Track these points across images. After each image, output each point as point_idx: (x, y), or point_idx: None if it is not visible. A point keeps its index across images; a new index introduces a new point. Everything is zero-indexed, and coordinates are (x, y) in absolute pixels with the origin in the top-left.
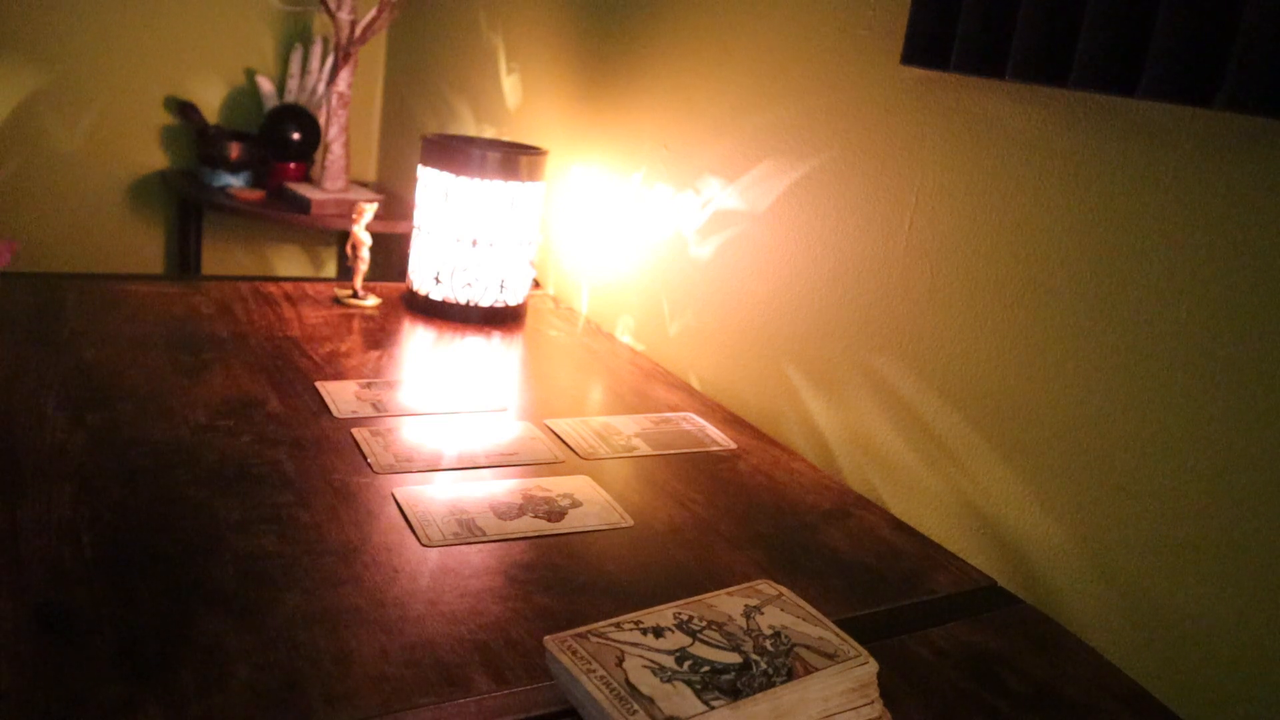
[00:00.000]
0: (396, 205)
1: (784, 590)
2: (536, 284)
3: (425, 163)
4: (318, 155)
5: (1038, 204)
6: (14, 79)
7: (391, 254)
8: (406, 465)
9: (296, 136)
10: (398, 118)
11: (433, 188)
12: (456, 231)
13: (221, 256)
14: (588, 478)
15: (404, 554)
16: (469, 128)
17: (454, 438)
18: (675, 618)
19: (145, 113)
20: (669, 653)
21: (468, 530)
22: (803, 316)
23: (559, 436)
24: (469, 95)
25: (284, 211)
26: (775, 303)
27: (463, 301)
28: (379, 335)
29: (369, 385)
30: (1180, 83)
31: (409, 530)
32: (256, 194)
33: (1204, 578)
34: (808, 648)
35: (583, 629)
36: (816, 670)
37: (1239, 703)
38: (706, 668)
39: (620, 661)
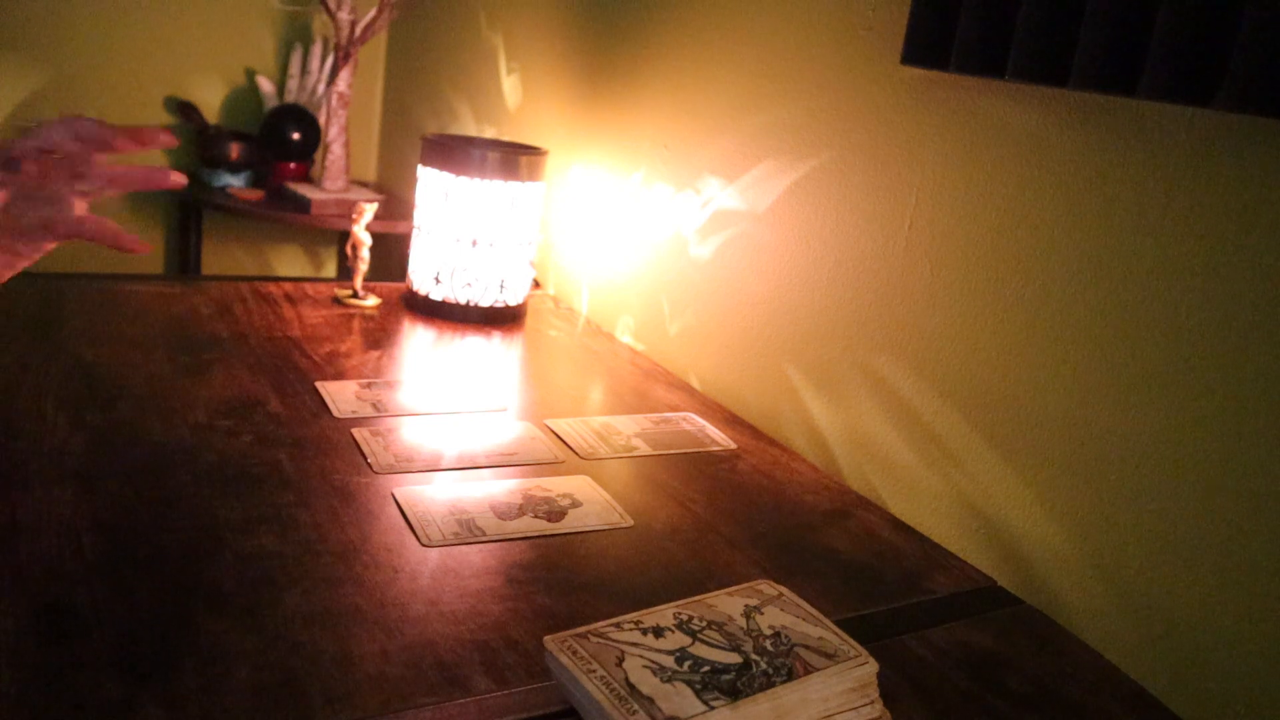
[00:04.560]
0: (396, 205)
1: (784, 590)
2: (536, 284)
3: (425, 163)
4: (318, 155)
5: (1038, 204)
6: (14, 79)
7: (391, 254)
8: (406, 465)
9: (296, 136)
10: (398, 118)
11: (433, 188)
12: (456, 231)
13: (221, 256)
14: (588, 478)
15: (404, 554)
16: (469, 128)
17: (454, 438)
18: (675, 618)
19: (145, 113)
20: (669, 653)
21: (468, 530)
22: (803, 316)
23: (559, 436)
24: (469, 95)
25: (284, 211)
26: (775, 302)
27: (463, 301)
28: (379, 335)
29: (369, 385)
30: (1180, 83)
31: (409, 530)
32: (256, 194)
33: (1204, 578)
34: (808, 648)
35: (583, 629)
36: (816, 670)
37: (1239, 703)
38: (706, 668)
39: (620, 661)
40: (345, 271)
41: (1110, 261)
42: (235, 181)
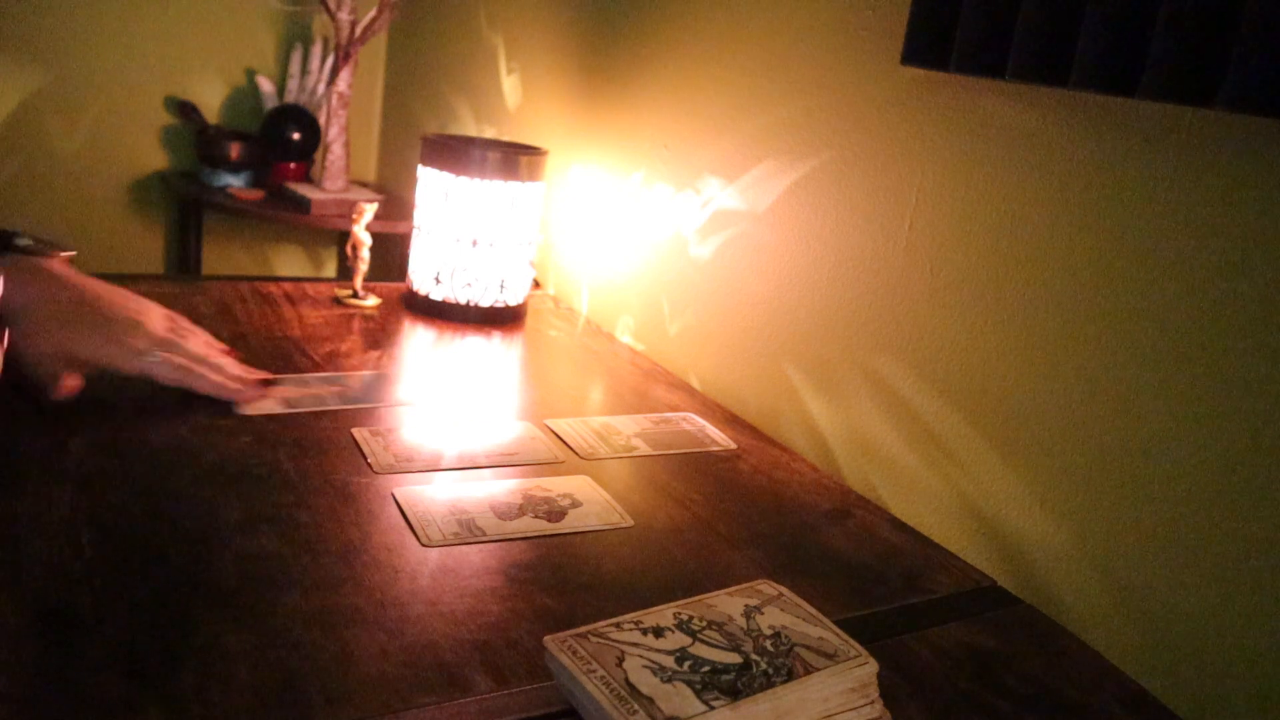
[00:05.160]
0: (396, 205)
1: (784, 590)
2: (536, 284)
3: (425, 163)
4: (318, 155)
5: (1037, 204)
6: (14, 79)
7: (391, 254)
8: (406, 465)
9: (296, 136)
10: (398, 118)
11: (433, 188)
12: (456, 231)
13: (221, 256)
14: (588, 478)
15: (404, 554)
16: (469, 128)
17: (454, 438)
18: (675, 618)
19: (145, 113)
20: (669, 653)
21: (468, 530)
22: (803, 316)
23: (559, 436)
24: (469, 95)
25: (284, 211)
26: (775, 303)
27: (463, 301)
28: (379, 335)
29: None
30: (1180, 83)
31: (409, 530)
32: (256, 194)
33: (1204, 578)
34: (808, 648)
35: (583, 629)
36: (816, 670)
37: (1239, 703)
38: (706, 668)
39: (620, 661)
40: (345, 271)
41: (1110, 261)
42: (235, 181)
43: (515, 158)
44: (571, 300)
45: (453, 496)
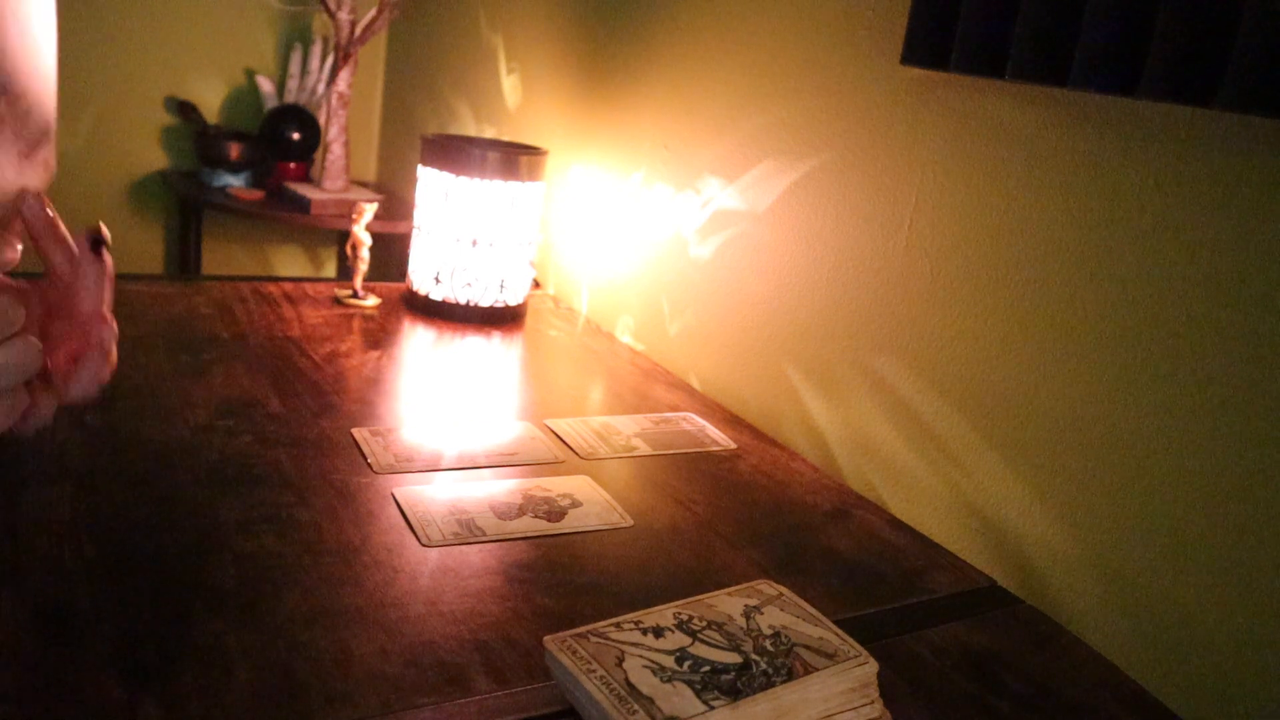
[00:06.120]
0: (396, 205)
1: (784, 590)
2: (536, 284)
3: (425, 163)
4: (318, 155)
5: (1037, 204)
6: None
7: (391, 254)
8: (406, 465)
9: (296, 136)
10: (398, 118)
11: (433, 188)
12: (456, 231)
13: (221, 256)
14: (588, 478)
15: (404, 554)
16: (469, 128)
17: (454, 438)
18: (675, 618)
19: (145, 113)
20: (669, 653)
21: (468, 530)
22: (803, 316)
23: (559, 436)
24: (469, 95)
25: (284, 211)
26: (775, 303)
27: (463, 301)
28: (379, 335)
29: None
30: (1180, 83)
31: (409, 530)
32: (256, 194)
33: (1204, 577)
34: (808, 648)
35: (583, 629)
36: (816, 670)
37: (1239, 702)
38: (706, 668)
39: (620, 661)
40: (345, 271)
41: (1110, 261)
42: (235, 181)
43: (515, 158)
44: (571, 300)
45: (453, 496)
